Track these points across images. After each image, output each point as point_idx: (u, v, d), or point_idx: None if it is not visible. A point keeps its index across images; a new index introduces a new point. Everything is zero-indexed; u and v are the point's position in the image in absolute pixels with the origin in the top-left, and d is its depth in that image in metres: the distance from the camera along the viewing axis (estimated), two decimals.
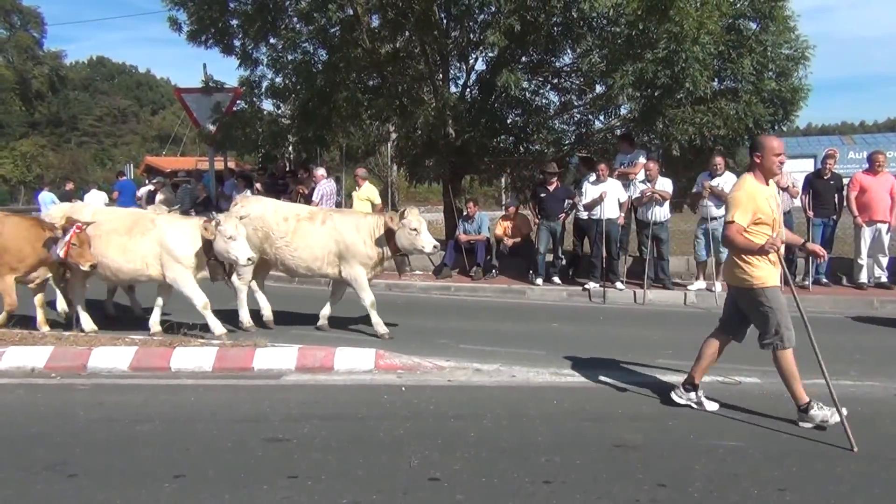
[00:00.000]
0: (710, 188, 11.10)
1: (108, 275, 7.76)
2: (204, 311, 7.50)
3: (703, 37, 11.14)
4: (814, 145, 37.01)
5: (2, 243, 7.53)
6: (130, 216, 8.00)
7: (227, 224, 7.34)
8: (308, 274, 8.40)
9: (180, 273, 7.55)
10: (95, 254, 7.43)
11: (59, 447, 4.55)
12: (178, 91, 19.60)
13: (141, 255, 7.58)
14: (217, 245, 7.37)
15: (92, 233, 7.49)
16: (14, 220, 7.85)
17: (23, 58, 66.47)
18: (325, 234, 8.08)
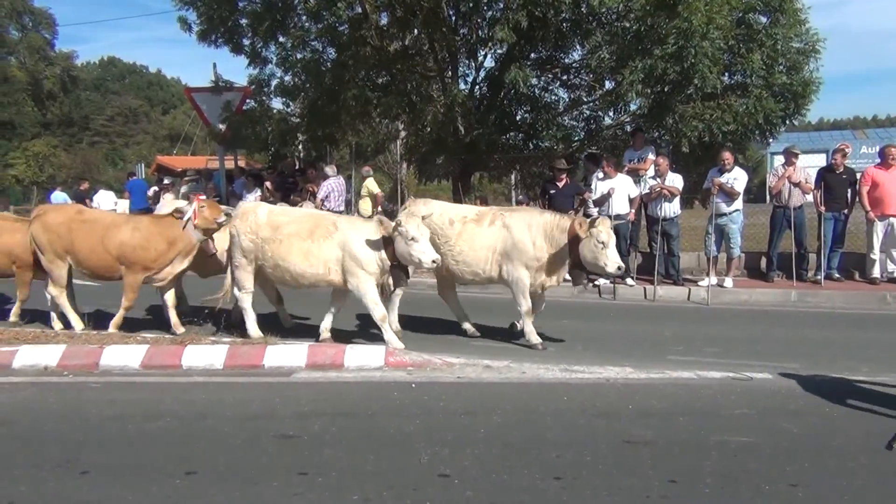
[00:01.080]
0: (719, 184, 11.06)
1: (288, 279, 7.37)
2: (382, 323, 7.06)
3: (712, 32, 11.08)
4: (826, 140, 36.80)
5: (138, 242, 7.49)
6: (310, 219, 7.50)
7: (408, 224, 6.84)
8: (474, 279, 7.83)
9: (364, 279, 7.07)
10: (275, 257, 7.22)
11: (72, 444, 4.58)
12: (188, 90, 19.68)
13: (323, 260, 7.16)
14: (398, 247, 6.92)
15: (270, 235, 7.27)
16: (147, 219, 7.92)
17: (34, 59, 66.81)
18: (491, 235, 7.53)
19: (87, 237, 7.65)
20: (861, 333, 8.17)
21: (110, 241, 7.55)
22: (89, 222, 7.79)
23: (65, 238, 7.66)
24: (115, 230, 7.62)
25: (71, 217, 7.84)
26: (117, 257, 7.55)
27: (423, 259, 6.81)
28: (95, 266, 7.71)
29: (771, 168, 31.21)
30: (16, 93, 62.80)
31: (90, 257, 7.65)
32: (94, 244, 7.60)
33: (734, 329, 7.52)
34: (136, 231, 7.58)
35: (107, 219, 8.06)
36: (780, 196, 11.50)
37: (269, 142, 15.95)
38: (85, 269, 7.81)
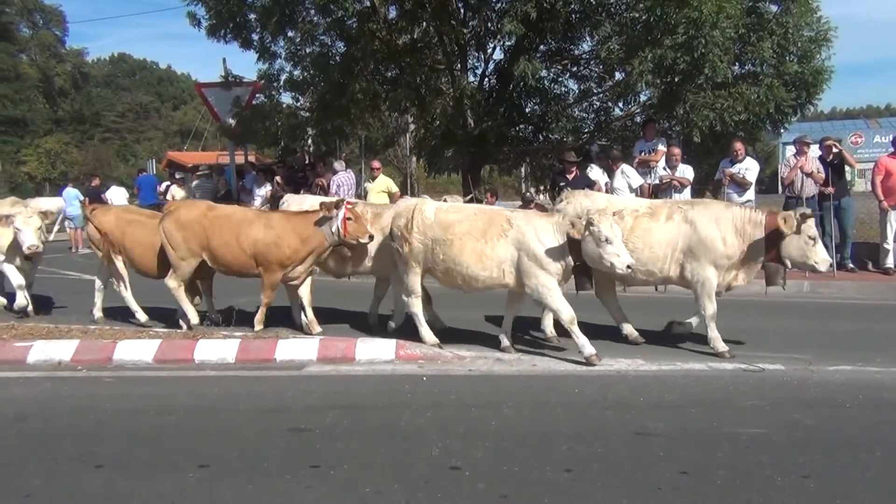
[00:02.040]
0: (730, 175, 11.00)
1: (460, 283, 6.75)
2: (571, 326, 6.38)
3: (722, 21, 11.02)
4: (838, 129, 36.49)
5: (272, 239, 7.34)
6: (482, 215, 6.80)
7: (602, 224, 6.08)
8: (647, 280, 7.09)
9: (545, 281, 6.39)
10: (447, 259, 6.65)
11: (86, 438, 4.61)
12: (198, 86, 19.76)
13: (498, 262, 6.52)
14: (587, 248, 6.18)
15: (441, 236, 6.68)
16: (280, 214, 7.76)
17: (46, 56, 67.14)
18: (670, 231, 6.80)
19: (220, 234, 7.48)
20: (874, 324, 8.11)
21: (244, 238, 7.40)
22: (221, 218, 7.61)
23: (199, 235, 7.48)
24: (247, 227, 7.45)
25: (203, 213, 7.64)
26: (252, 255, 7.40)
27: (616, 263, 6.07)
28: (230, 263, 7.55)
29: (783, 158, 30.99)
30: (27, 90, 63.13)
31: (225, 254, 7.50)
32: (229, 240, 7.45)
33: (746, 320, 7.48)
34: (269, 228, 7.40)
35: (238, 215, 7.82)
36: (793, 186, 11.42)
37: (279, 136, 15.99)
38: (220, 266, 7.66)
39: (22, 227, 8.13)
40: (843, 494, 3.69)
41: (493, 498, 3.68)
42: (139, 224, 8.06)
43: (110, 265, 8.19)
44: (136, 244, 7.97)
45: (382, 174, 14.44)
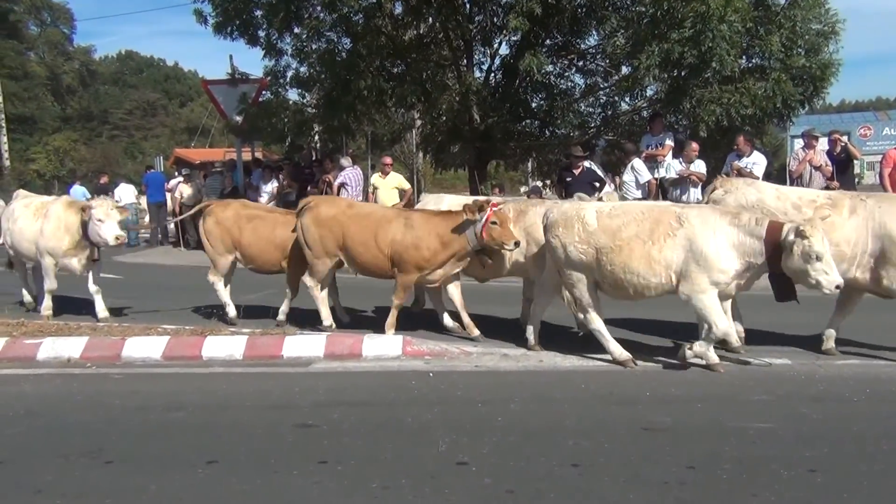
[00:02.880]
0: (738, 169, 10.96)
1: (631, 294, 6.01)
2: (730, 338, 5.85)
3: (730, 14, 10.96)
4: (847, 122, 36.29)
5: (411, 240, 6.92)
6: (650, 214, 5.96)
7: (814, 237, 5.25)
8: None
9: (705, 287, 5.62)
10: (616, 270, 5.91)
11: (96, 434, 4.64)
12: (205, 83, 19.80)
13: (666, 265, 5.76)
14: (791, 261, 5.40)
15: (605, 243, 5.94)
16: (421, 214, 7.31)
17: (53, 54, 67.30)
18: (856, 227, 6.01)
19: (358, 232, 7.16)
20: (884, 316, 8.06)
21: (382, 237, 7.00)
22: (360, 217, 7.30)
23: (336, 233, 7.18)
24: (386, 226, 7.03)
25: (342, 210, 7.38)
26: (390, 255, 6.98)
27: (824, 283, 5.36)
28: (366, 263, 7.17)
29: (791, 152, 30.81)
30: (35, 88, 63.29)
31: (362, 254, 7.13)
32: (367, 239, 7.08)
33: (753, 314, 7.45)
34: (408, 228, 6.97)
35: (378, 213, 7.49)
36: (801, 180, 11.37)
37: (286, 133, 16.02)
38: (356, 266, 7.35)
39: (104, 218, 7.80)
40: (850, 488, 3.69)
41: (500, 493, 3.69)
42: (259, 219, 7.92)
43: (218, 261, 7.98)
44: (257, 239, 7.81)
45: (392, 170, 14.47)
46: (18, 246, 8.56)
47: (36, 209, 8.40)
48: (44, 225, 8.12)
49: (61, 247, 8.03)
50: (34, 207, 8.48)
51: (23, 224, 8.42)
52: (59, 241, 8.03)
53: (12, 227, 8.60)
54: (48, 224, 8.09)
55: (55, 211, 8.17)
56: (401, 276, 7.04)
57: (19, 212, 8.61)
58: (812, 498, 3.59)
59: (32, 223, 8.29)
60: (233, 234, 7.87)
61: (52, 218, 8.10)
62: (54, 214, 8.13)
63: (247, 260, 7.95)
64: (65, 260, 8.08)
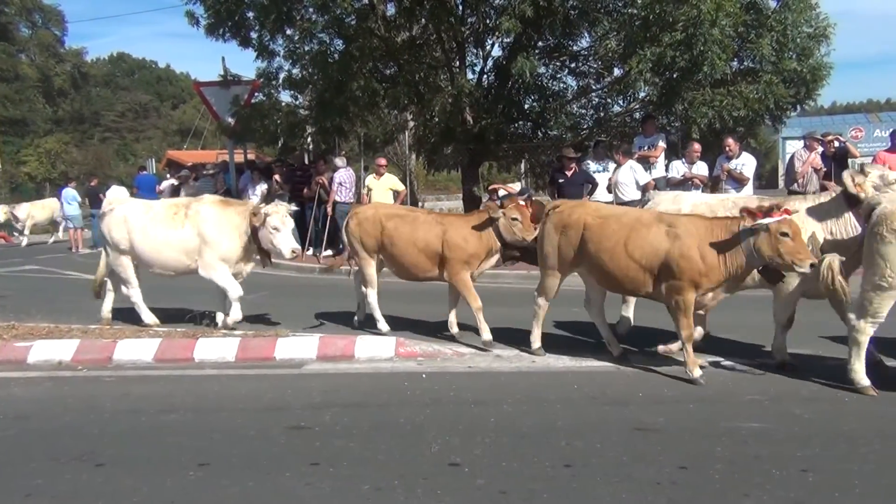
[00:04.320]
0: (728, 170, 11.01)
1: None
2: None
3: (721, 18, 11.00)
4: (839, 124, 36.47)
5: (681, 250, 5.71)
6: None
7: None
8: None
9: None
10: None
11: (87, 438, 4.63)
12: (197, 85, 19.74)
13: None
14: None
15: None
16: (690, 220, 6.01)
17: (45, 56, 67.04)
18: None
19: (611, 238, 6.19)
20: None
21: (638, 245, 5.93)
22: (611, 220, 6.30)
23: (574, 240, 6.29)
24: (642, 232, 5.92)
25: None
26: (650, 267, 5.80)
27: None
28: (615, 276, 6.06)
29: (783, 154, 30.94)
30: (27, 90, 63.07)
31: (606, 264, 6.04)
32: (614, 246, 6.06)
33: (747, 315, 7.47)
34: (674, 236, 5.83)
35: (631, 216, 6.38)
36: (803, 180, 11.41)
37: (278, 135, 15.99)
38: (601, 281, 6.40)
39: (279, 226, 7.29)
40: (842, 488, 3.70)
41: (493, 494, 3.69)
42: (400, 219, 7.35)
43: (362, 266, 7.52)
44: (401, 241, 7.21)
45: (387, 172, 14.47)
46: (155, 255, 7.65)
47: (172, 213, 7.64)
48: (204, 230, 7.42)
49: (236, 251, 7.47)
50: (167, 209, 7.76)
51: (159, 229, 7.60)
52: (230, 244, 7.44)
53: (139, 235, 7.66)
54: (208, 228, 7.42)
55: (212, 212, 7.52)
56: (674, 296, 5.61)
57: (144, 216, 7.74)
58: (804, 497, 3.61)
59: (175, 227, 7.53)
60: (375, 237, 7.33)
61: (210, 221, 7.45)
62: (213, 216, 7.49)
63: (392, 264, 7.39)
64: (237, 266, 7.56)
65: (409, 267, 7.21)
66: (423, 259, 7.07)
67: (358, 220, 7.43)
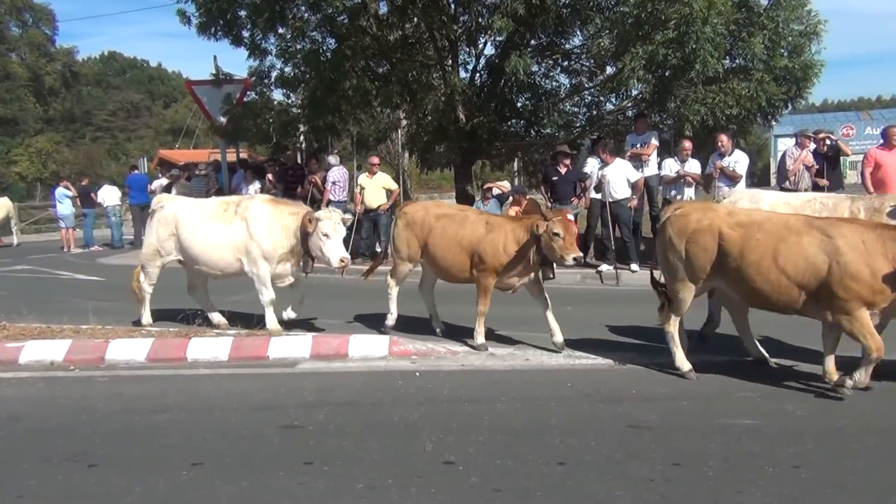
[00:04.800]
0: (720, 168, 11.04)
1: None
2: None
3: (713, 17, 11.03)
4: (830, 121, 36.66)
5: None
6: None
7: None
8: None
9: None
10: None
11: (80, 438, 4.61)
12: (188, 84, 19.66)
13: None
14: None
15: None
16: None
17: (35, 55, 66.75)
18: None
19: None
20: None
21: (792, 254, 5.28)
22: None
23: (710, 247, 5.61)
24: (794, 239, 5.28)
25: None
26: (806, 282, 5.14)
27: None
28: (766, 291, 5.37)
29: (774, 151, 31.05)
30: (18, 89, 62.79)
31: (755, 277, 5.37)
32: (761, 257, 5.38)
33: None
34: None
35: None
36: (794, 178, 11.44)
37: (270, 133, 15.93)
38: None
39: (331, 233, 7.00)
40: (835, 484, 3.72)
41: (487, 492, 3.69)
42: (449, 219, 6.99)
43: (396, 264, 7.31)
44: (445, 241, 6.87)
45: (380, 171, 14.45)
46: (202, 253, 7.47)
47: (222, 210, 7.49)
48: (252, 226, 7.26)
49: (278, 250, 7.26)
50: (217, 206, 7.61)
51: (208, 228, 7.44)
52: (274, 243, 7.24)
53: (187, 233, 7.52)
54: (257, 225, 7.26)
55: (263, 210, 7.35)
56: (845, 317, 4.96)
57: (193, 215, 7.59)
58: (797, 494, 3.62)
59: (225, 226, 7.37)
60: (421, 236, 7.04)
61: (260, 218, 7.28)
62: (263, 214, 7.32)
63: (433, 264, 7.10)
64: (278, 267, 7.35)
65: (448, 268, 6.91)
66: (463, 260, 6.75)
67: (407, 222, 7.15)
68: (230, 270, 7.50)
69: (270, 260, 7.26)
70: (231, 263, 7.42)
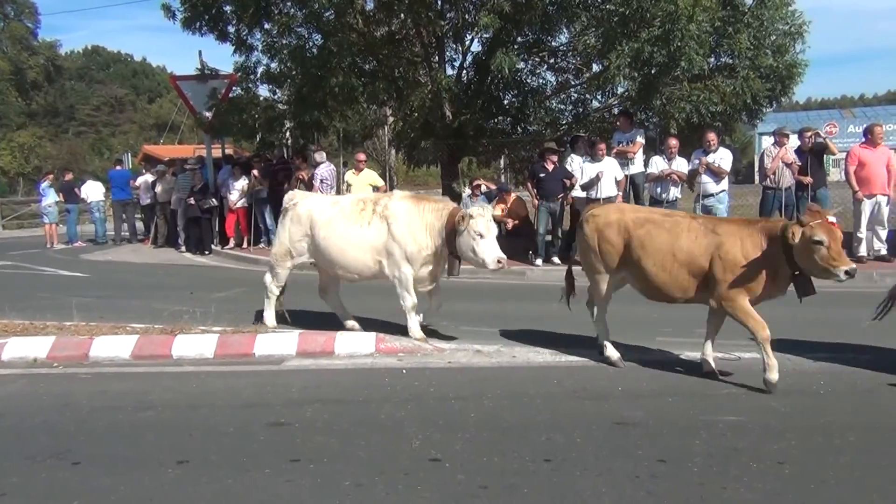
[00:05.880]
0: (706, 164, 11.11)
1: None
2: None
3: (698, 14, 11.10)
4: (814, 119, 36.96)
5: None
6: None
7: None
8: None
9: None
10: None
11: (63, 436, 4.57)
12: (173, 79, 19.53)
13: None
14: None
15: None
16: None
17: (17, 48, 66.16)
18: None
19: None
20: (849, 311, 8.21)
21: None
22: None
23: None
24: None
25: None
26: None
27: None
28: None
29: (759, 149, 31.25)
30: None
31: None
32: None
33: None
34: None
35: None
36: (774, 176, 11.53)
37: (256, 129, 15.88)
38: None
39: (484, 232, 6.37)
40: (819, 479, 3.75)
41: (473, 489, 3.70)
42: (655, 225, 5.79)
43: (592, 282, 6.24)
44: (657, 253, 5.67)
45: (367, 168, 14.43)
46: (339, 255, 6.95)
47: (360, 209, 6.95)
48: (393, 226, 6.69)
49: (423, 252, 6.67)
50: (354, 204, 7.07)
51: (346, 226, 6.90)
52: (419, 244, 6.65)
53: (322, 232, 7.00)
54: (398, 224, 6.69)
55: (405, 208, 6.79)
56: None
57: (328, 214, 7.06)
58: (781, 490, 3.65)
59: (362, 224, 6.84)
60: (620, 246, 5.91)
61: (402, 217, 6.71)
62: (405, 212, 6.75)
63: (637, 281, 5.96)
64: (422, 270, 6.76)
65: (664, 286, 5.70)
66: (686, 277, 5.58)
67: (597, 226, 6.01)
68: (368, 273, 6.97)
69: (414, 262, 6.69)
70: (369, 266, 6.88)
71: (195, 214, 15.67)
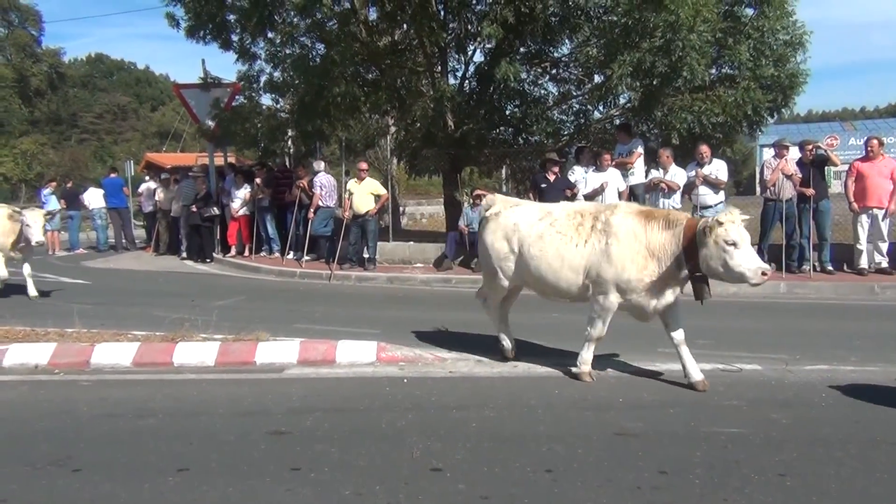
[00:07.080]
0: (703, 176, 11.12)
1: None
2: None
3: (699, 25, 11.14)
4: (814, 132, 36.98)
5: None
6: None
7: None
8: None
9: None
10: None
11: (64, 442, 4.57)
12: (176, 87, 19.61)
13: None
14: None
15: None
16: None
17: (21, 56, 66.38)
18: None
19: None
20: (850, 324, 8.22)
21: None
22: None
23: None
24: None
25: None
26: None
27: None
28: None
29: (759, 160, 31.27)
30: (3, 90, 62.41)
31: None
32: None
33: (724, 321, 7.55)
34: None
35: None
36: (774, 188, 11.54)
37: (259, 138, 15.93)
38: None
39: (738, 240, 5.31)
40: (820, 491, 3.75)
41: (474, 499, 3.69)
42: None
43: None
44: None
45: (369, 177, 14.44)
46: (550, 274, 5.98)
47: (576, 223, 5.92)
48: (612, 246, 5.62)
49: (644, 279, 5.58)
50: (568, 217, 6.02)
51: (560, 242, 5.90)
52: (639, 270, 5.57)
53: (530, 249, 6.05)
54: (619, 244, 5.61)
55: (630, 225, 5.65)
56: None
57: (540, 224, 6.11)
58: (782, 501, 3.64)
59: (577, 240, 5.85)
60: None
61: (626, 235, 5.62)
62: (630, 229, 5.64)
63: None
64: (659, 299, 5.69)
65: None
66: None
67: None
68: (570, 295, 6.08)
69: (628, 292, 5.65)
70: (581, 292, 5.94)
71: (197, 222, 15.71)
